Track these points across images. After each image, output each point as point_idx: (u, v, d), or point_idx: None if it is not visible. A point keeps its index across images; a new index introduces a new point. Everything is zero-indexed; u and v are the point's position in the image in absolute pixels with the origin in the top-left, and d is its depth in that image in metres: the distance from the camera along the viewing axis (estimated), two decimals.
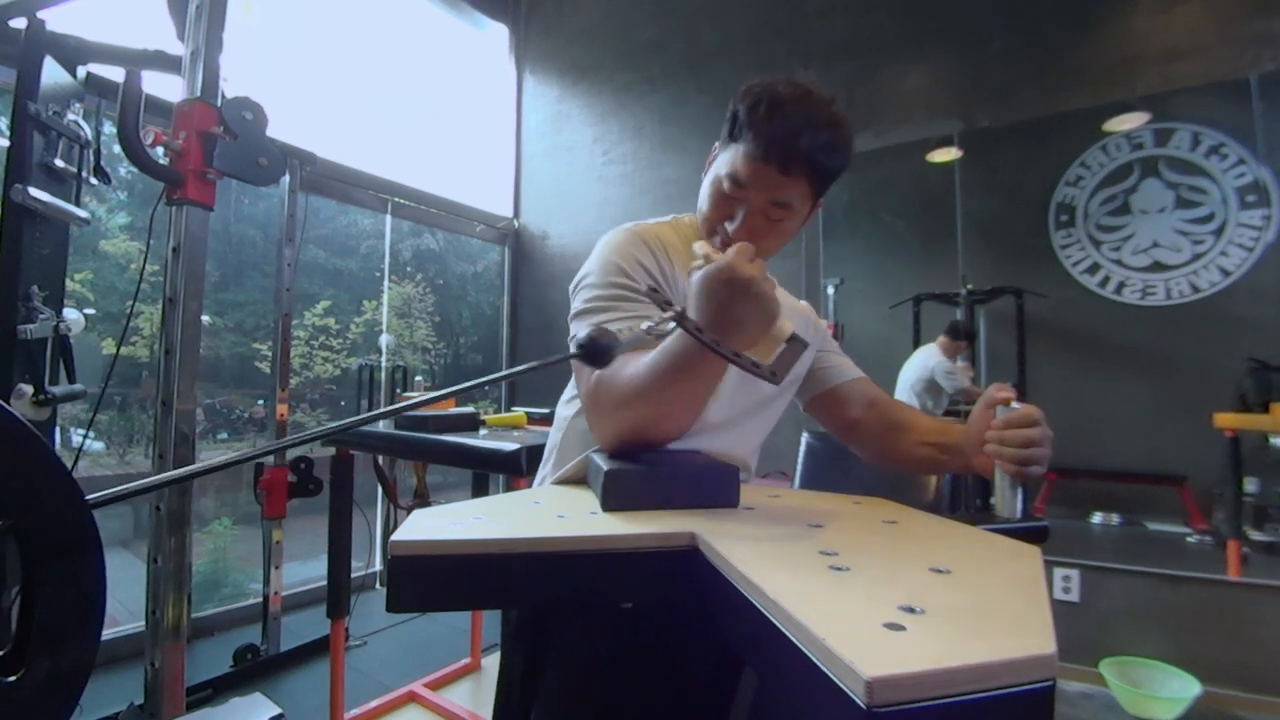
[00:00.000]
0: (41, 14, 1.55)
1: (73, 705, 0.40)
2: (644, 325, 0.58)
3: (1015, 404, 0.70)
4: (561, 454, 0.86)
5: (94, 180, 1.70)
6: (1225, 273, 2.03)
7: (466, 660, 2.27)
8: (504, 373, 0.58)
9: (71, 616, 0.39)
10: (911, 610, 0.35)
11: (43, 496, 0.38)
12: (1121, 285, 2.18)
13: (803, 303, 1.03)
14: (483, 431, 1.69)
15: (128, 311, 1.81)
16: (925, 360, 2.50)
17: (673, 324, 0.57)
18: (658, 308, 0.60)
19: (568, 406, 0.88)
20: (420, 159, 3.39)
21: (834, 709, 0.29)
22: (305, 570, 2.98)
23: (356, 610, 2.34)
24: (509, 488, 1.49)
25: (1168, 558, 2.06)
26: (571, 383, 0.89)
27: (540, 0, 3.79)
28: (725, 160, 0.79)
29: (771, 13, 2.89)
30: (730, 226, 0.78)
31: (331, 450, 1.84)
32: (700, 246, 0.63)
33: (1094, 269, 2.23)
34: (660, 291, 0.62)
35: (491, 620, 2.31)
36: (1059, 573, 2.16)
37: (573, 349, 0.57)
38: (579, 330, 0.77)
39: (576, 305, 0.81)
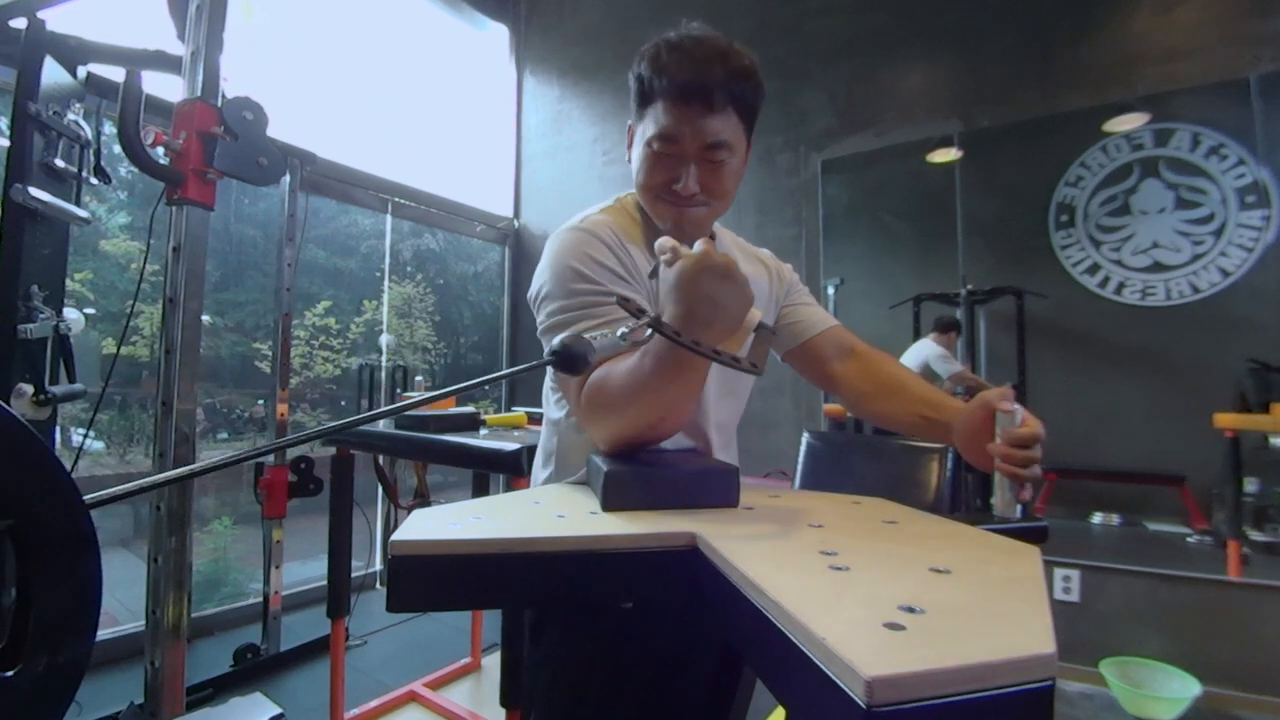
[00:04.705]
0: (42, 14, 1.55)
1: (68, 702, 0.40)
2: (620, 331, 0.57)
3: (1015, 405, 0.70)
4: (562, 458, 0.84)
5: (94, 180, 1.70)
6: (1225, 273, 2.03)
7: (466, 660, 2.27)
8: (490, 376, 0.58)
9: (68, 613, 0.39)
10: (911, 610, 0.35)
11: (41, 497, 0.38)
12: (1121, 285, 2.18)
13: (764, 251, 1.01)
14: (483, 431, 1.69)
15: (128, 311, 1.82)
16: (920, 351, 2.55)
17: (648, 330, 0.57)
18: (631, 315, 0.59)
19: (558, 409, 0.85)
20: (420, 159, 3.39)
21: (834, 709, 0.29)
22: (305, 570, 2.98)
23: (356, 610, 2.34)
24: (509, 488, 1.49)
25: (1168, 558, 2.06)
26: (550, 383, 0.86)
27: (540, 0, 3.79)
28: (648, 124, 0.77)
29: (771, 13, 2.89)
30: (679, 186, 0.76)
31: (331, 450, 1.84)
32: (665, 241, 0.62)
33: (1094, 269, 2.23)
34: (632, 301, 0.61)
35: (491, 620, 2.31)
36: (1059, 573, 2.16)
37: (547, 356, 0.57)
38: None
39: (542, 320, 0.77)
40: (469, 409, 1.84)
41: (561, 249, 0.78)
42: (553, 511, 0.59)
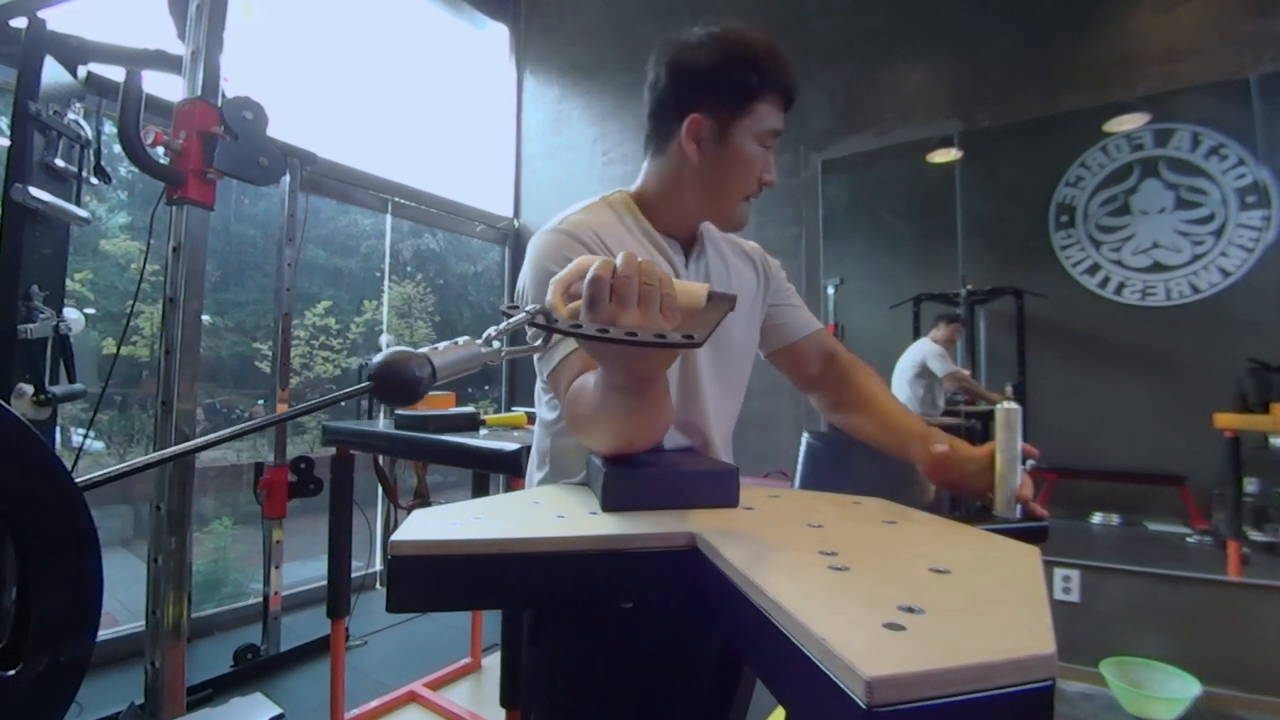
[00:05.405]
0: (42, 13, 1.55)
1: (69, 700, 0.40)
2: (485, 334, 0.50)
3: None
4: (556, 460, 0.83)
5: (94, 180, 1.70)
6: (1225, 273, 2.03)
7: (466, 660, 2.27)
8: (304, 406, 0.47)
9: (69, 612, 0.39)
10: (911, 610, 0.35)
11: (41, 496, 0.38)
12: (1121, 285, 2.18)
13: (751, 243, 1.00)
14: (483, 431, 1.69)
15: (128, 311, 1.82)
16: (918, 350, 2.55)
17: (536, 329, 0.49)
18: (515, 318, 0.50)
19: (550, 410, 0.84)
20: (420, 159, 3.39)
21: (834, 709, 0.29)
22: (305, 570, 2.98)
23: (356, 610, 2.34)
24: (509, 488, 1.49)
25: (1168, 558, 2.06)
26: (540, 384, 0.84)
27: (540, 0, 3.79)
28: (756, 121, 0.80)
29: (771, 12, 2.89)
30: (769, 177, 0.83)
31: (331, 450, 1.84)
32: (552, 290, 0.52)
33: (1094, 269, 2.23)
34: (517, 306, 0.52)
35: (491, 620, 2.31)
36: (1059, 573, 2.16)
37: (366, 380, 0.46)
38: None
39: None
40: (469, 409, 1.84)
41: (539, 252, 0.78)
42: (553, 512, 0.59)
